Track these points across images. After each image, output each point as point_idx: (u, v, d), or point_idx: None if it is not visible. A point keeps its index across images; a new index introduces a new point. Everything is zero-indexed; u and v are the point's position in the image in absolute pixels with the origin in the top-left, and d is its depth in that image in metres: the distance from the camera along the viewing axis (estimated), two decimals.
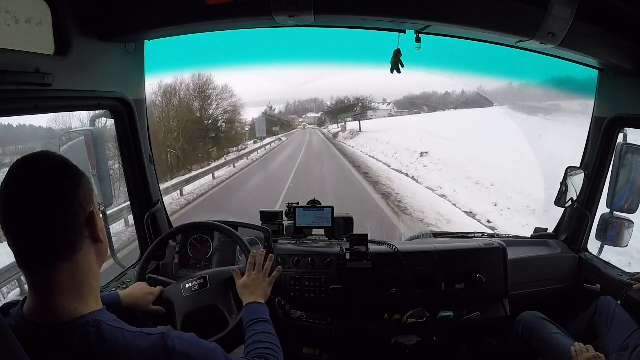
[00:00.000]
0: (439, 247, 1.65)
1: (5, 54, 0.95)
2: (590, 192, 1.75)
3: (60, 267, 0.64)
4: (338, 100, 28.07)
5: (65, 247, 0.64)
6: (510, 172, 9.10)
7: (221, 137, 19.69)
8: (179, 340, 0.69)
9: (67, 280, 0.64)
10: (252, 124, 22.39)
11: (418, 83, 24.16)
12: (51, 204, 0.63)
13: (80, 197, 0.66)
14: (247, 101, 21.97)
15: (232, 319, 1.22)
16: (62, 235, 0.64)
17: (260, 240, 1.66)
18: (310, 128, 31.27)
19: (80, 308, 0.64)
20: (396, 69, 1.41)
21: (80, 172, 0.69)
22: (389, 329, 1.56)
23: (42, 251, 0.63)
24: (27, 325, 0.62)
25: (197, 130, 18.25)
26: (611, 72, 1.57)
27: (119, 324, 0.67)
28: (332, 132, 27.32)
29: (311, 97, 31.52)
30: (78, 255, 0.65)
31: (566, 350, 1.39)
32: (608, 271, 1.67)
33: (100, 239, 0.69)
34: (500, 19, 1.22)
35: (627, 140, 1.64)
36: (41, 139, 8.56)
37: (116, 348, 0.63)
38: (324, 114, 30.84)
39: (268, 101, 27.56)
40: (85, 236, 0.67)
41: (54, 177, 0.64)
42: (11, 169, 0.64)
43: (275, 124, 27.04)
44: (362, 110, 27.06)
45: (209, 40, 1.73)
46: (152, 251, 1.44)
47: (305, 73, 31.08)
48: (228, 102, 19.76)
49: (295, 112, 32.01)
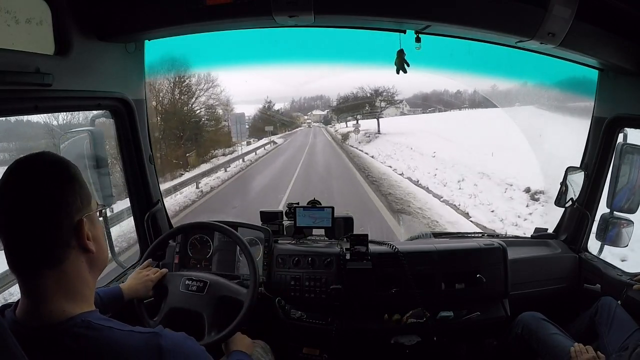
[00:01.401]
0: (439, 247, 1.65)
1: (5, 54, 0.96)
2: (590, 192, 1.75)
3: (46, 274, 0.63)
4: (349, 94, 23.87)
5: (49, 256, 0.63)
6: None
7: (201, 138, 15.88)
8: (171, 339, 0.68)
9: (53, 287, 0.63)
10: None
11: (425, 81, 22.28)
12: (33, 211, 0.61)
13: (67, 205, 0.64)
14: (245, 99, 20.30)
15: (209, 335, 1.22)
16: (44, 245, 0.62)
17: (260, 240, 1.66)
18: (315, 126, 29.52)
19: (68, 310, 0.64)
20: (402, 69, 1.40)
21: (72, 177, 0.66)
22: (389, 329, 1.56)
23: (26, 257, 0.62)
24: (19, 328, 0.62)
25: (170, 130, 14.58)
26: (611, 72, 1.57)
27: (109, 323, 0.65)
28: (340, 132, 23.51)
29: (317, 94, 30.34)
30: (64, 264, 0.64)
31: (565, 350, 1.39)
32: (608, 271, 1.67)
33: (89, 249, 0.66)
34: (500, 19, 1.22)
35: (627, 140, 1.64)
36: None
37: (107, 346, 0.62)
38: (331, 111, 28.75)
39: (266, 96, 25.12)
40: (72, 246, 0.64)
41: (38, 183, 0.63)
42: (7, 169, 0.63)
43: (270, 122, 24.30)
44: (385, 105, 22.45)
45: (209, 40, 1.73)
46: (152, 251, 1.45)
47: (306, 73, 30.87)
48: (211, 93, 15.92)
49: (300, 110, 30.99)
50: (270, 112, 25.54)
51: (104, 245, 0.72)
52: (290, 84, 31.25)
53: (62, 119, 7.46)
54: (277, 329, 1.55)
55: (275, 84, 30.19)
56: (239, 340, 1.25)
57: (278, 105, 27.63)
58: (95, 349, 0.62)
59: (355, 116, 22.98)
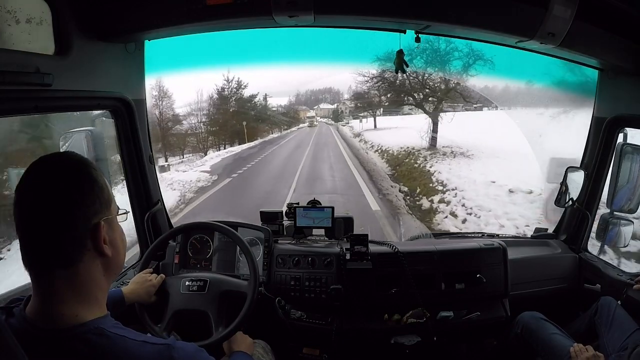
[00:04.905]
0: (439, 247, 1.65)
1: (5, 54, 0.96)
2: (590, 192, 1.75)
3: (59, 274, 0.62)
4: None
5: (63, 257, 0.62)
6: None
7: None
8: (183, 351, 0.67)
9: (66, 288, 0.63)
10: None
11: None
12: (50, 211, 0.61)
13: (85, 206, 0.63)
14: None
15: (217, 331, 1.23)
16: (59, 244, 0.62)
17: (260, 240, 1.66)
18: (322, 122, 24.18)
19: (81, 315, 0.63)
20: (400, 69, 1.41)
21: (92, 179, 0.65)
22: (389, 329, 1.56)
23: (40, 255, 0.62)
24: (29, 328, 0.61)
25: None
26: (611, 72, 1.57)
27: (123, 332, 0.65)
28: (368, 139, 14.01)
29: (325, 87, 26.45)
30: (78, 266, 0.63)
31: (565, 350, 1.39)
32: (608, 271, 1.68)
33: (105, 252, 0.65)
34: (500, 19, 1.22)
35: (627, 140, 1.65)
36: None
37: (119, 356, 0.62)
38: (342, 104, 23.19)
39: (264, 91, 19.30)
40: (87, 248, 0.64)
41: (57, 182, 0.62)
42: (29, 166, 0.64)
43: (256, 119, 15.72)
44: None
45: (210, 40, 1.73)
46: (152, 251, 1.45)
47: (306, 73, 29.99)
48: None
49: (305, 103, 27.05)
50: (247, 107, 16.64)
51: (121, 250, 0.71)
52: (291, 84, 30.09)
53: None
54: (277, 329, 1.55)
55: (275, 84, 28.89)
56: (240, 340, 1.25)
57: (279, 100, 23.25)
58: (106, 358, 0.61)
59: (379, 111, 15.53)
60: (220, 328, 1.23)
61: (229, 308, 1.28)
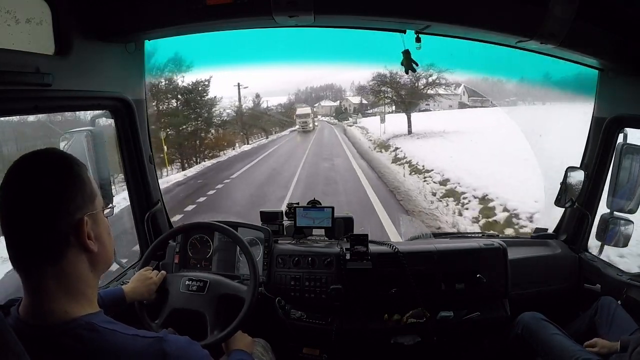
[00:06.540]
0: (439, 247, 1.64)
1: (5, 54, 0.95)
2: (590, 192, 1.75)
3: (46, 271, 0.62)
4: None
5: (47, 253, 0.62)
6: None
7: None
8: (175, 344, 0.67)
9: (54, 285, 0.63)
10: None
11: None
12: (32, 208, 0.61)
13: (67, 201, 0.63)
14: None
15: (212, 334, 1.22)
16: (42, 241, 0.62)
17: (260, 241, 1.66)
18: (323, 121, 21.39)
19: (70, 311, 0.63)
20: (410, 68, 1.40)
21: (75, 174, 0.65)
22: (389, 329, 1.56)
23: (25, 252, 0.62)
24: (21, 326, 0.62)
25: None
26: (611, 72, 1.57)
27: (114, 326, 0.65)
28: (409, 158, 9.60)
29: (327, 84, 25.77)
30: (63, 262, 0.63)
31: (565, 351, 1.39)
32: (608, 271, 1.67)
33: (90, 248, 0.65)
34: (500, 19, 1.22)
35: (627, 140, 1.64)
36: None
37: (109, 350, 0.62)
38: (345, 101, 21.17)
39: (263, 91, 18.67)
40: (72, 244, 0.64)
41: (39, 178, 0.62)
42: (13, 164, 0.63)
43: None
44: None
45: (210, 40, 1.74)
46: (152, 251, 1.45)
47: (306, 73, 29.70)
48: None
49: (306, 101, 26.52)
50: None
51: (108, 246, 0.71)
52: (291, 83, 29.72)
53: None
54: (277, 329, 1.55)
55: (275, 84, 28.47)
56: (240, 338, 1.25)
57: (278, 99, 22.74)
58: (97, 352, 0.61)
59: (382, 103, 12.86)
60: (216, 331, 1.23)
61: (227, 311, 1.27)
